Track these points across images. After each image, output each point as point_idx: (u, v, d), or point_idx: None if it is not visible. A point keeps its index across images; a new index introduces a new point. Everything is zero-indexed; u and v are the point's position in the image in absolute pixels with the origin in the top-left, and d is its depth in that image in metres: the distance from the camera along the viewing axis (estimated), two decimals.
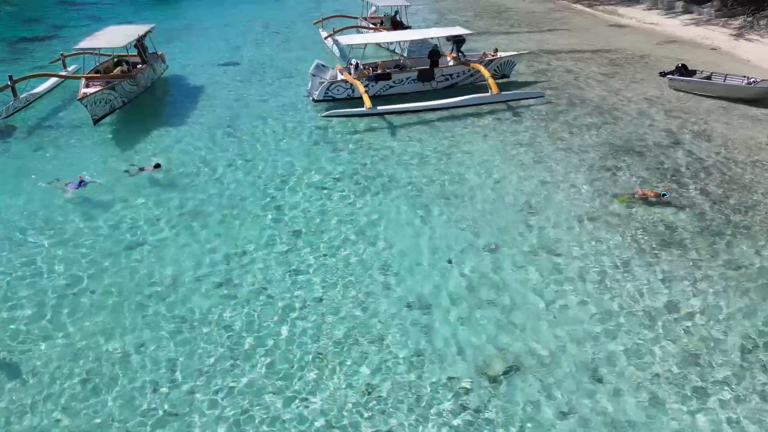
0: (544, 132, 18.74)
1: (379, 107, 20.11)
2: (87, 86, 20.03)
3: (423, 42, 24.87)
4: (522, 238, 12.93)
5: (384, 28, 30.54)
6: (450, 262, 12.13)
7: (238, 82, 24.78)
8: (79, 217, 13.90)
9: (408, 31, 26.68)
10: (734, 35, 30.70)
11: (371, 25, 31.58)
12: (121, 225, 13.61)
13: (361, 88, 20.44)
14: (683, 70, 22.80)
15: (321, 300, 11.11)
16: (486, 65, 23.05)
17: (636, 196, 14.21)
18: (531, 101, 21.57)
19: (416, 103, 20.70)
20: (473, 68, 22.88)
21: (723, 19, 33.70)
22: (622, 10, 39.44)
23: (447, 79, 23.06)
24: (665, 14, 37.06)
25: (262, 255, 12.51)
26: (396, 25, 30.80)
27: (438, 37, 23.31)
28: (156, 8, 46.50)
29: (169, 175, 15.84)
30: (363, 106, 19.98)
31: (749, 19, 32.06)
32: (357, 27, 31.69)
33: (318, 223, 13.64)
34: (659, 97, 21.67)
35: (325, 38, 30.95)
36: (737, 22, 32.78)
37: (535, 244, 12.68)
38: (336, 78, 21.93)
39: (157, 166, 16.01)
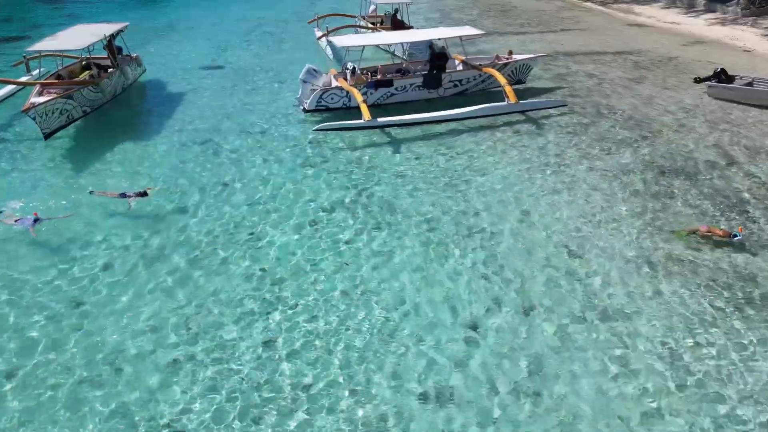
0: (573, 148, 16.08)
1: (379, 119, 17.40)
2: (41, 94, 17.28)
3: (430, 44, 22.07)
4: (564, 292, 10.24)
5: (384, 28, 27.90)
6: (475, 329, 9.43)
7: (221, 89, 22.09)
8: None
9: (411, 31, 23.97)
10: (766, 35, 28.12)
11: (370, 25, 28.95)
12: (62, 276, 10.86)
13: (358, 97, 17.73)
14: (722, 76, 20.15)
15: (308, 389, 8.41)
16: (500, 69, 20.39)
17: (699, 233, 11.53)
18: (552, 110, 18.93)
19: (422, 114, 17.99)
20: (485, 73, 20.21)
21: (751, 18, 31.13)
22: (638, 8, 36.88)
23: (456, 86, 20.37)
24: (686, 13, 34.51)
25: (232, 317, 9.80)
26: (396, 24, 28.14)
27: (446, 38, 20.59)
28: (141, 6, 43.80)
29: (124, 210, 13.09)
30: (361, 118, 17.28)
31: None
32: (354, 26, 29.08)
33: (305, 273, 10.90)
34: (698, 106, 19.02)
35: (319, 38, 28.29)
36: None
37: (583, 302, 9.98)
38: (330, 84, 19.22)
39: (143, 194, 13.21)
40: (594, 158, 15.42)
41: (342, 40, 19.77)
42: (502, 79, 18.92)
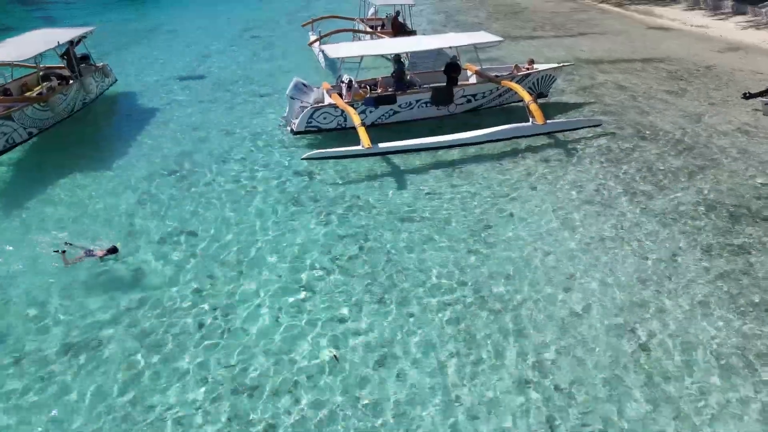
0: (617, 182, 13.23)
1: (380, 145, 14.48)
2: None
3: (439, 52, 19.21)
4: (644, 413, 7.37)
5: (384, 32, 25.05)
6: None
7: (199, 104, 19.23)
8: None
9: (417, 38, 21.09)
10: None
11: (368, 29, 26.10)
12: None
13: (355, 119, 14.79)
14: None
15: None
16: (519, 81, 17.56)
17: None
18: (584, 131, 16.08)
19: (432, 138, 15.07)
20: (503, 86, 17.36)
21: None
22: (658, 10, 34.08)
23: (469, 101, 17.52)
24: (712, 15, 31.70)
25: None
26: (397, 28, 25.31)
27: (455, 46, 17.69)
28: (122, 8, 41.01)
29: (57, 268, 10.21)
30: (359, 144, 14.39)
31: None
32: (352, 30, 26.28)
33: (285, 377, 8.06)
34: (755, 127, 16.17)
35: (310, 44, 25.42)
36: None
37: (670, 425, 7.13)
38: (322, 101, 16.38)
39: (112, 251, 10.41)
40: (644, 195, 12.56)
41: (336, 49, 16.81)
42: (526, 96, 16.01)
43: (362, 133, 14.24)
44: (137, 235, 11.35)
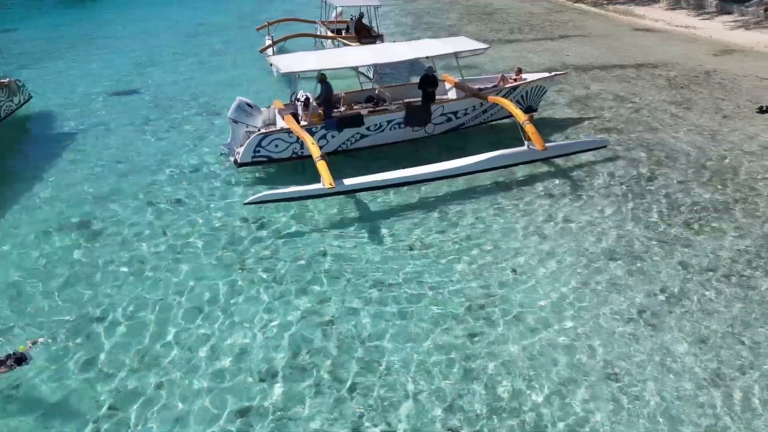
0: (639, 223, 10.65)
1: (345, 181, 11.54)
2: None
3: (415, 62, 16.43)
4: None
5: (347, 36, 22.24)
6: None
7: (127, 126, 16.08)
8: None
9: (386, 45, 18.24)
10: None
11: (329, 33, 23.30)
12: None
13: (314, 150, 11.72)
14: None
15: None
16: (506, 95, 14.99)
17: None
18: (588, 154, 13.57)
19: (409, 170, 12.05)
20: (488, 102, 14.71)
21: None
22: (638, 9, 32.23)
23: (449, 120, 14.81)
24: (697, 15, 29.90)
25: None
26: (361, 31, 22.58)
27: (433, 56, 14.83)
28: (58, 11, 37.32)
29: None
30: (318, 179, 11.44)
31: None
32: (312, 35, 23.51)
33: None
34: None
35: (262, 50, 22.46)
36: None
37: None
38: (273, 124, 13.47)
39: (21, 359, 7.37)
40: (680, 243, 10.03)
41: (288, 62, 13.73)
42: (520, 115, 13.24)
43: (323, 169, 11.25)
44: (20, 329, 8.26)
